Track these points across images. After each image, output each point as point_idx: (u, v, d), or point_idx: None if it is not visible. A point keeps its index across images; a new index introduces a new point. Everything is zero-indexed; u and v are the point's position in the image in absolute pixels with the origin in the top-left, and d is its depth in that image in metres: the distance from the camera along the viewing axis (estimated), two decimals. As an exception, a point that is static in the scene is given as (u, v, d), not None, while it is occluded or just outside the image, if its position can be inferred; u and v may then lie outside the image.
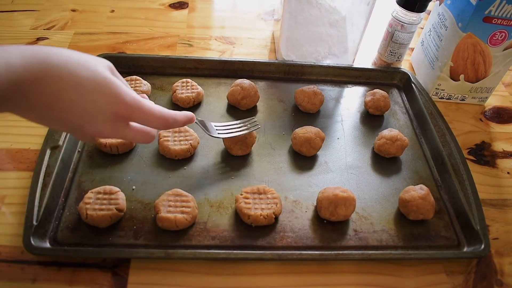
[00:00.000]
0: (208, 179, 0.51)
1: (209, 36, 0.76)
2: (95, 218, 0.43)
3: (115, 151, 0.51)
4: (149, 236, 0.44)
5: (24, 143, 0.53)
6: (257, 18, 0.83)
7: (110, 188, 0.46)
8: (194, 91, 0.59)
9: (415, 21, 0.63)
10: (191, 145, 0.52)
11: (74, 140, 0.52)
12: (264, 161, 0.54)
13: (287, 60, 0.68)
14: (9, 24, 0.73)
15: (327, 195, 0.46)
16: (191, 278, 0.42)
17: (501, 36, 0.58)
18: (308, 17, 0.64)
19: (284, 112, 0.61)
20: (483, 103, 0.68)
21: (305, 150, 0.53)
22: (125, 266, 0.42)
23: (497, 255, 0.47)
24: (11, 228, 0.44)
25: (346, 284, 0.43)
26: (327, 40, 0.67)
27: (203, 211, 0.47)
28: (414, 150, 0.58)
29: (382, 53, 0.69)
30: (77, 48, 0.69)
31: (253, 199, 0.46)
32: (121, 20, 0.77)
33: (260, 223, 0.45)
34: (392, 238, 0.47)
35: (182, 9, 0.82)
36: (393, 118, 0.63)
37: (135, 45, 0.71)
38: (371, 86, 0.67)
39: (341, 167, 0.54)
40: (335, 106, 0.64)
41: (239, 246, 0.44)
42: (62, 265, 0.41)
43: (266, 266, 0.44)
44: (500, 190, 0.55)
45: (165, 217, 0.43)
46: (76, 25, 0.74)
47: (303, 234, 0.46)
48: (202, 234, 0.45)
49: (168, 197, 0.45)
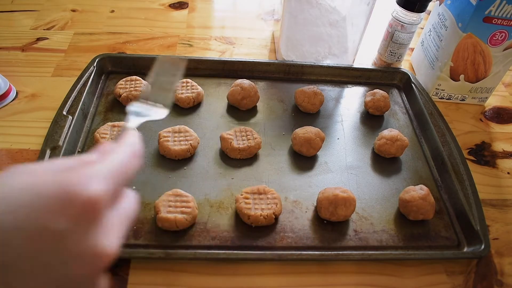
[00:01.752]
0: (208, 179, 0.51)
1: (209, 36, 0.76)
2: (95, 219, 0.43)
3: (115, 151, 0.51)
4: (149, 236, 0.44)
5: (24, 143, 0.53)
6: (257, 18, 0.83)
7: (110, 188, 0.46)
8: (194, 91, 0.59)
9: (415, 21, 0.63)
10: (191, 145, 0.52)
11: (74, 141, 0.52)
12: (264, 161, 0.54)
13: (287, 60, 0.68)
14: (9, 24, 0.73)
15: (327, 196, 0.46)
16: (191, 278, 0.42)
17: (501, 36, 0.57)
18: (308, 17, 0.64)
19: (284, 112, 0.61)
20: (483, 103, 0.68)
21: (305, 150, 0.53)
22: (125, 266, 0.42)
23: (497, 255, 0.47)
24: (11, 228, 0.44)
25: (346, 284, 0.43)
26: (327, 40, 0.67)
27: (203, 211, 0.47)
28: (414, 150, 0.58)
29: (382, 53, 0.69)
30: (77, 48, 0.69)
31: (253, 199, 0.46)
32: (121, 20, 0.77)
33: (260, 223, 0.45)
34: (392, 238, 0.47)
35: (182, 9, 0.82)
36: (393, 118, 0.63)
37: (135, 45, 0.71)
38: (371, 86, 0.67)
39: (341, 167, 0.54)
40: (335, 106, 0.64)
41: (239, 246, 0.44)
42: (62, 266, 0.41)
43: (266, 266, 0.44)
44: (500, 190, 0.55)
45: (165, 217, 0.43)
46: (76, 25, 0.74)
47: (303, 234, 0.46)
48: (202, 234, 0.45)
49: (168, 197, 0.45)
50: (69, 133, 0.51)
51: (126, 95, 0.57)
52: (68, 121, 0.52)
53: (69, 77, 0.62)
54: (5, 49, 0.67)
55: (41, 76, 0.63)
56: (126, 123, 0.29)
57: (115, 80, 0.61)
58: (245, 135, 0.54)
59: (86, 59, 0.63)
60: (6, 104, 0.58)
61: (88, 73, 0.59)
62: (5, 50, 0.67)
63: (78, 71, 0.60)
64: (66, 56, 0.67)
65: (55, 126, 0.52)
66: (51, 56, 0.67)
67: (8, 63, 0.65)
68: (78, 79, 0.58)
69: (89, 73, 0.59)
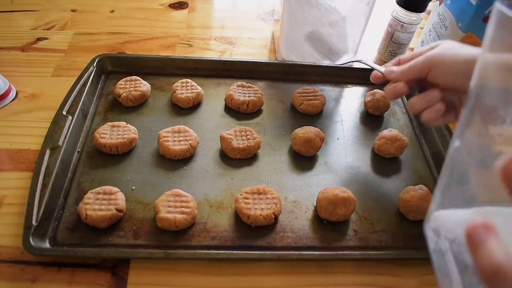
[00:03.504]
0: (208, 179, 0.51)
1: (209, 36, 0.76)
2: (95, 219, 0.43)
3: (114, 152, 0.51)
4: (149, 237, 0.44)
5: (24, 144, 0.53)
6: (257, 18, 0.83)
7: (109, 189, 0.46)
8: (194, 91, 0.59)
9: (415, 21, 0.63)
10: (190, 145, 0.52)
11: (73, 141, 0.52)
12: (264, 161, 0.54)
13: (287, 60, 0.68)
14: (9, 24, 0.73)
15: (327, 195, 0.46)
16: (191, 278, 0.42)
17: (501, 36, 0.57)
18: (308, 17, 0.64)
19: (284, 112, 0.61)
20: (483, 103, 0.68)
21: (305, 150, 0.53)
22: (124, 266, 0.42)
23: (497, 255, 0.47)
24: (11, 228, 0.44)
25: (346, 284, 0.43)
26: (327, 40, 0.67)
27: (203, 211, 0.47)
28: (414, 150, 0.58)
29: (382, 53, 0.69)
30: (77, 48, 0.69)
31: (253, 199, 0.46)
32: (121, 20, 0.77)
33: (260, 223, 0.45)
34: (391, 238, 0.47)
35: (182, 9, 0.82)
36: (393, 118, 0.63)
37: (135, 45, 0.71)
38: (371, 86, 0.67)
39: (341, 167, 0.54)
40: (335, 106, 0.64)
41: (239, 246, 0.44)
42: (62, 266, 0.41)
43: (266, 266, 0.44)
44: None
45: (164, 218, 0.43)
46: (76, 25, 0.74)
47: (303, 234, 0.46)
48: (202, 235, 0.45)
49: (167, 197, 0.45)
50: (69, 133, 0.51)
51: (126, 95, 0.57)
52: (68, 121, 0.52)
53: (69, 77, 0.62)
54: (5, 49, 0.67)
55: (41, 76, 0.63)
56: None
57: (115, 80, 0.61)
58: (244, 135, 0.54)
59: (86, 59, 0.63)
60: (6, 104, 0.58)
61: (88, 73, 0.59)
62: (5, 50, 0.67)
63: (78, 71, 0.60)
64: (66, 56, 0.67)
65: (55, 126, 0.52)
66: (51, 56, 0.67)
67: (8, 63, 0.65)
68: (78, 79, 0.58)
69: (89, 73, 0.59)
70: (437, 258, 0.24)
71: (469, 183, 0.23)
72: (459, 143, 0.23)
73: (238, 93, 0.59)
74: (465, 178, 0.23)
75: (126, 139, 0.51)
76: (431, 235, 0.25)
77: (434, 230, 0.25)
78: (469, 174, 0.23)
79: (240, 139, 0.53)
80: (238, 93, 0.59)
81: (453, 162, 0.23)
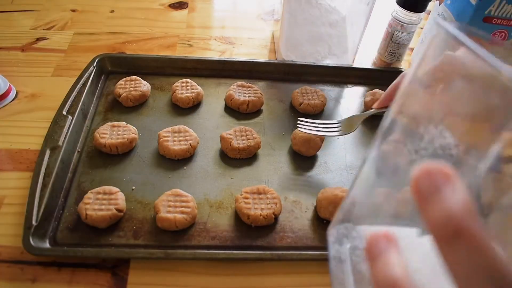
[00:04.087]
0: (208, 179, 0.51)
1: (209, 36, 0.76)
2: (95, 219, 0.43)
3: (114, 152, 0.51)
4: (149, 236, 0.44)
5: (24, 143, 0.53)
6: (257, 18, 0.83)
7: (109, 189, 0.46)
8: (193, 91, 0.59)
9: (415, 21, 0.63)
10: (190, 145, 0.52)
11: (73, 141, 0.52)
12: (264, 161, 0.54)
13: (287, 60, 0.68)
14: (9, 24, 0.73)
15: (327, 195, 0.46)
16: (191, 278, 0.42)
17: (501, 36, 0.57)
18: (308, 17, 0.64)
19: (284, 112, 0.61)
20: (483, 103, 0.68)
21: (305, 150, 0.53)
22: (124, 266, 0.42)
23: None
24: (11, 228, 0.44)
25: (346, 284, 0.43)
26: (327, 40, 0.67)
27: (203, 211, 0.47)
28: (414, 150, 0.58)
29: (382, 53, 0.69)
30: (77, 48, 0.69)
31: (253, 199, 0.46)
32: (121, 20, 0.77)
33: (260, 223, 0.45)
34: (392, 238, 0.47)
35: (182, 9, 0.82)
36: (393, 118, 0.63)
37: (135, 45, 0.71)
38: (371, 86, 0.67)
39: (340, 167, 0.54)
40: (335, 106, 0.64)
41: (239, 246, 0.44)
42: (62, 266, 0.41)
43: (266, 266, 0.44)
44: (500, 190, 0.55)
45: (164, 217, 0.43)
46: (76, 25, 0.74)
47: (303, 234, 0.46)
48: (202, 234, 0.45)
49: (167, 197, 0.45)
50: (69, 133, 0.51)
51: (126, 95, 0.57)
52: (68, 121, 0.52)
53: (69, 77, 0.62)
54: (5, 49, 0.67)
55: (41, 76, 0.63)
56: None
57: (115, 80, 0.61)
58: (244, 135, 0.54)
59: (86, 59, 0.63)
60: (6, 104, 0.58)
61: (88, 73, 0.59)
62: (5, 50, 0.67)
63: (78, 71, 0.60)
64: (66, 56, 0.67)
65: (55, 126, 0.52)
66: (51, 56, 0.67)
67: (8, 63, 0.65)
68: (78, 79, 0.58)
69: (89, 73, 0.59)
70: (335, 266, 0.23)
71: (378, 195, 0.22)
72: (376, 152, 0.22)
73: (238, 93, 0.59)
74: (375, 188, 0.22)
75: (126, 139, 0.51)
76: (332, 241, 0.24)
77: (337, 237, 0.24)
78: (381, 183, 0.22)
79: (240, 139, 0.53)
80: (238, 93, 0.59)
81: (368, 170, 0.22)
